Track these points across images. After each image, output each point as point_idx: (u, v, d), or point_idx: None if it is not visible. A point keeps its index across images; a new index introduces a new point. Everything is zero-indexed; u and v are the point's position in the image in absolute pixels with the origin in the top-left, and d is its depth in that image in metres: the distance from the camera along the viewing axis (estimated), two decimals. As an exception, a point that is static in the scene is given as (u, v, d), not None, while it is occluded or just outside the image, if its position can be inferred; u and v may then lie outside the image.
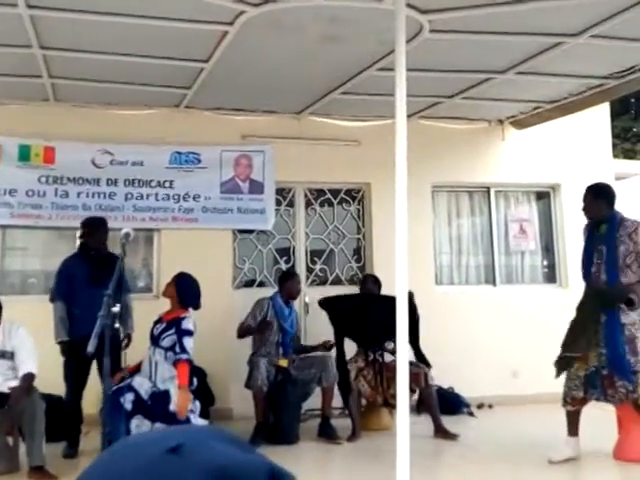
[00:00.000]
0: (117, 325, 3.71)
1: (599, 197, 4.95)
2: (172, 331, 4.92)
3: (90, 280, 5.28)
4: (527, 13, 4.55)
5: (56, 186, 6.69)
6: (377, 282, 6.49)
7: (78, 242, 5.93)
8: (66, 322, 5.40)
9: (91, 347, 3.45)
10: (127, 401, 4.70)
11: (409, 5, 4.23)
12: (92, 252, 5.57)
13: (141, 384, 4.85)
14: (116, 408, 4.53)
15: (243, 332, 6.12)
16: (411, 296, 6.31)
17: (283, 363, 5.93)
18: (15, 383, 4.82)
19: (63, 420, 5.44)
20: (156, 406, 4.77)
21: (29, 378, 4.83)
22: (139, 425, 4.72)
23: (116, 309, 3.66)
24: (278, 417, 5.77)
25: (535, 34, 5.07)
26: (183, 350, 4.89)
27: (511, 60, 5.70)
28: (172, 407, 4.78)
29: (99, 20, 4.65)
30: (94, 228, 5.66)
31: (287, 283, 6.30)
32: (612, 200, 4.95)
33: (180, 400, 4.75)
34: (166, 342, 4.91)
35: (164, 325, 5.01)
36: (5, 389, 4.81)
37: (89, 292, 5.05)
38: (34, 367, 4.88)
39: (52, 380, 5.58)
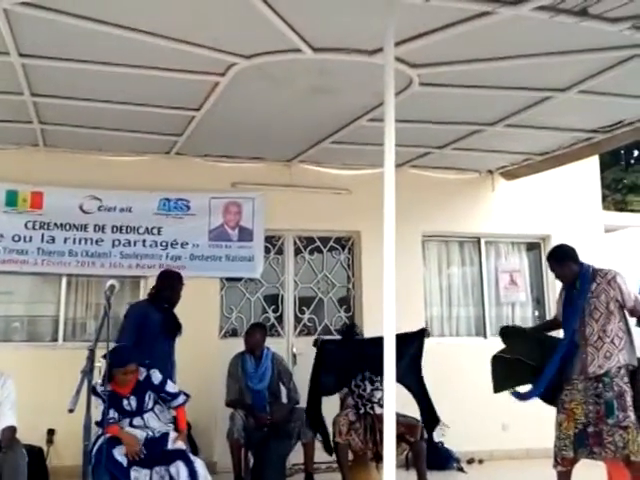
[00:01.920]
0: (100, 381, 3.59)
1: (563, 260, 4.95)
2: (147, 392, 4.82)
3: (164, 331, 5.42)
4: (516, 68, 4.59)
5: (43, 231, 6.64)
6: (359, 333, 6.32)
7: (150, 291, 5.81)
8: None
9: (71, 405, 3.31)
10: (120, 454, 4.55)
11: (398, 59, 4.25)
12: (166, 305, 5.57)
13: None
14: (110, 461, 4.40)
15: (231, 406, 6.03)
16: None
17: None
18: None
19: None
20: (152, 451, 4.63)
21: (10, 431, 4.71)
22: (137, 477, 4.57)
23: (99, 364, 3.56)
24: (262, 472, 5.61)
25: (524, 89, 5.11)
26: (175, 396, 4.94)
27: (501, 113, 5.74)
28: (170, 445, 4.69)
29: (90, 69, 4.66)
30: (177, 282, 5.70)
31: (245, 336, 6.23)
32: (575, 256, 4.95)
33: (182, 438, 4.82)
34: (150, 404, 4.83)
35: (134, 397, 4.79)
36: None
37: (162, 342, 5.33)
38: (14, 420, 4.77)
39: (32, 431, 5.45)
